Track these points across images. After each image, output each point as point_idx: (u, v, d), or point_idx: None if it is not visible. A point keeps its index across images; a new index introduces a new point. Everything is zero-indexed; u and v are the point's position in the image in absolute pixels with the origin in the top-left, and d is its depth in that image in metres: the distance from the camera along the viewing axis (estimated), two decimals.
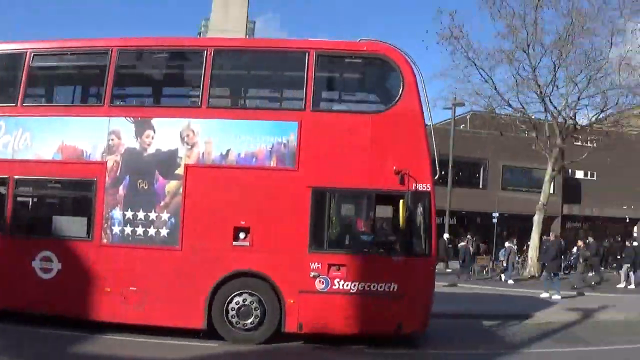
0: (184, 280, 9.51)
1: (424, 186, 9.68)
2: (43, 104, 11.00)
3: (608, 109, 29.00)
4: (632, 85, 27.98)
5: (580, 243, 25.59)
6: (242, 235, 9.60)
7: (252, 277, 9.55)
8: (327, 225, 9.85)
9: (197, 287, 9.50)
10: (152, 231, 9.66)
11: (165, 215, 9.68)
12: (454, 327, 12.18)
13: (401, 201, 9.43)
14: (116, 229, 9.73)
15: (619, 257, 28.40)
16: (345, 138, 9.85)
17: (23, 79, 10.28)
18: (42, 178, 10.31)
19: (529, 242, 28.33)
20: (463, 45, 26.29)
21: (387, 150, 9.77)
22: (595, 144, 32.30)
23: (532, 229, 27.22)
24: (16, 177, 10.10)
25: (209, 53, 10.01)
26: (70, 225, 10.16)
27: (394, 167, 9.59)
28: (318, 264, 9.47)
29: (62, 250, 9.86)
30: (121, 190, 9.79)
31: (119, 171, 9.83)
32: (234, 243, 9.57)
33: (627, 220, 39.95)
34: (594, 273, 23.34)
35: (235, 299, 9.51)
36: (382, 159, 9.71)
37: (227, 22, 29.63)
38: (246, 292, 9.53)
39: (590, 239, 25.68)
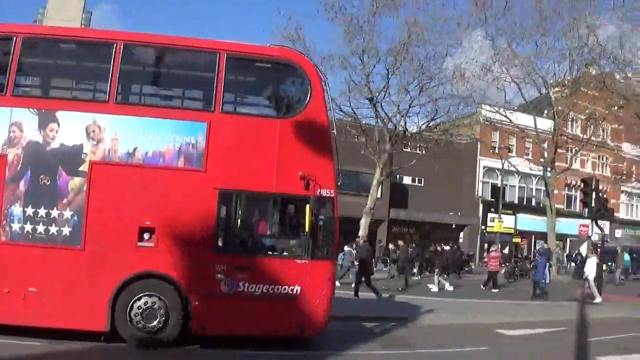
0: (86, 282, 9.30)
1: (328, 192, 9.90)
2: None
3: (438, 117, 30.61)
4: (464, 96, 29.87)
5: (391, 246, 26.56)
6: (147, 235, 9.48)
7: (157, 279, 9.47)
8: (234, 227, 9.92)
9: (100, 289, 9.31)
10: (53, 229, 9.37)
11: (67, 213, 9.41)
12: None
13: (307, 206, 9.61)
14: (16, 227, 9.35)
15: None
16: (254, 141, 9.91)
17: None
18: None
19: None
20: (299, 49, 25.82)
21: (294, 155, 9.88)
22: (424, 151, 33.91)
23: (358, 232, 28.15)
24: None
25: (118, 47, 9.70)
26: None
27: (300, 172, 9.72)
28: (223, 265, 9.53)
29: None
30: (22, 185, 9.42)
31: (19, 165, 9.46)
32: (139, 243, 9.45)
33: (453, 227, 42.27)
34: (400, 277, 23.19)
35: (140, 301, 9.39)
36: (289, 164, 9.83)
37: (64, 11, 28.98)
38: (151, 294, 9.43)
39: (401, 242, 26.00)
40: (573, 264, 38.71)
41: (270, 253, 9.96)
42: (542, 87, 33.88)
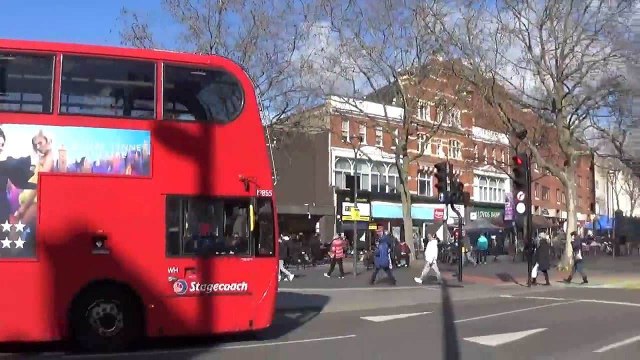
0: (42, 292, 9.42)
1: (266, 192, 10.83)
2: None
3: (289, 109, 31.65)
4: (313, 87, 30.97)
5: None
6: (100, 243, 9.77)
7: (112, 285, 9.84)
8: (182, 230, 10.51)
9: (57, 298, 9.48)
10: (6, 243, 9.36)
11: (20, 226, 9.43)
12: None
13: (250, 206, 10.49)
14: None
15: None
16: (194, 147, 10.54)
17: None
18: None
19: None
20: (146, 47, 26.07)
21: (233, 159, 10.66)
22: (276, 144, 34.74)
23: None
24: None
25: (57, 58, 9.81)
26: None
27: (240, 175, 10.52)
28: (175, 268, 10.09)
29: None
30: None
31: None
32: (93, 251, 9.72)
33: (310, 217, 43.42)
34: None
35: (97, 308, 9.71)
36: (228, 167, 10.58)
37: None
38: (107, 300, 9.78)
39: None
40: None
41: (217, 253, 10.66)
42: (391, 75, 34.93)
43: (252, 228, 10.52)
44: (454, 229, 31.12)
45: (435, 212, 46.52)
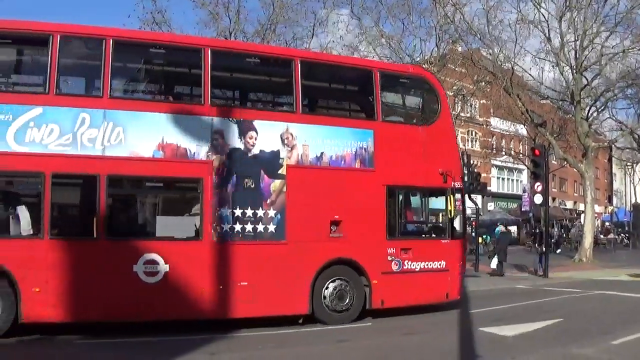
0: (290, 272, 10.57)
1: (459, 184, 12.20)
2: (137, 98, 10.65)
3: None
4: None
5: None
6: (335, 227, 11.00)
7: (345, 264, 11.07)
8: (398, 216, 11.79)
9: (303, 277, 10.68)
10: (260, 227, 10.46)
11: (272, 212, 10.55)
12: None
13: (448, 196, 11.84)
14: (226, 227, 10.25)
15: None
16: (405, 144, 11.79)
17: (106, 69, 9.83)
18: (141, 177, 10.19)
19: None
20: (164, 31, 25.28)
21: (434, 155, 11.97)
22: None
23: None
24: (109, 175, 9.67)
25: (296, 64, 10.96)
26: (176, 226, 10.25)
27: (440, 169, 11.87)
28: (393, 249, 11.43)
29: (169, 251, 9.92)
30: (229, 189, 10.32)
31: (225, 170, 10.31)
32: (331, 235, 10.95)
33: None
34: None
35: (333, 284, 10.92)
36: (431, 162, 11.91)
37: None
38: (341, 278, 11.01)
39: None
40: None
41: (424, 236, 12.16)
42: (410, 64, 33.46)
43: (450, 214, 11.89)
44: (472, 219, 31.71)
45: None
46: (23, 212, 9.56)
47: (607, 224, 56.33)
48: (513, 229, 43.09)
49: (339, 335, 10.15)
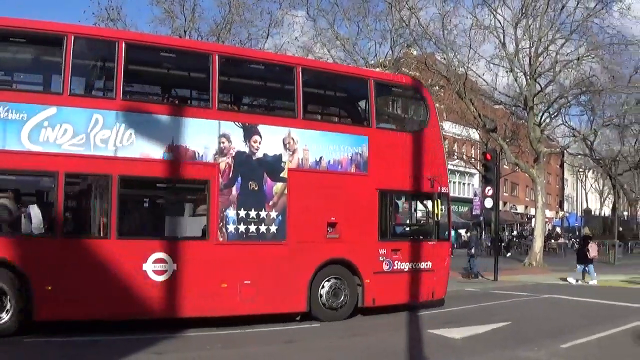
0: (290, 271, 11.08)
1: (445, 189, 12.95)
2: (148, 101, 10.96)
3: None
4: None
5: None
6: (331, 229, 11.58)
7: (340, 264, 11.66)
8: (389, 219, 12.44)
9: (301, 276, 11.21)
10: (263, 228, 10.94)
11: (274, 214, 11.05)
12: None
13: (435, 200, 12.59)
14: (231, 228, 10.69)
15: None
16: (395, 150, 12.43)
17: (119, 71, 10.11)
18: (151, 178, 10.53)
19: None
20: (119, 28, 25.29)
21: (422, 161, 12.67)
22: None
23: None
24: (120, 175, 9.96)
25: (297, 71, 11.51)
26: (184, 226, 10.68)
27: (427, 175, 12.61)
28: (384, 249, 12.09)
29: (177, 251, 10.28)
30: (234, 190, 10.77)
31: (231, 173, 10.75)
32: (327, 236, 11.53)
33: None
34: None
35: (329, 283, 11.49)
36: (419, 168, 12.63)
37: None
38: (336, 277, 11.58)
39: None
40: None
41: (412, 237, 12.84)
42: (364, 67, 32.80)
43: (435, 218, 12.64)
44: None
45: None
46: (36, 211, 9.78)
47: (557, 228, 57.90)
48: (462, 232, 44.05)
49: (287, 336, 10.27)
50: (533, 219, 40.16)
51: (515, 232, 51.08)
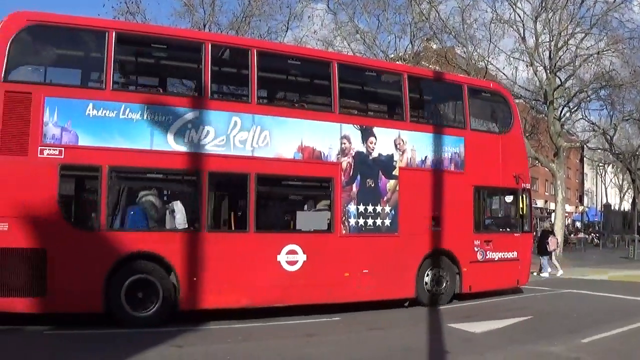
0: (401, 260, 12.10)
1: (527, 185, 14.07)
2: (280, 105, 11.95)
3: None
4: None
5: None
6: (435, 222, 12.63)
7: (442, 254, 12.72)
8: (482, 213, 13.55)
9: (410, 265, 12.25)
10: (379, 222, 11.96)
11: (387, 208, 12.07)
12: None
13: (522, 195, 13.70)
14: (352, 221, 11.68)
15: None
16: (487, 150, 13.52)
17: (253, 78, 11.02)
18: (284, 176, 11.49)
19: None
20: (139, 22, 25.25)
21: (509, 160, 13.76)
22: None
23: None
24: (257, 174, 10.85)
25: (404, 78, 12.57)
26: (312, 220, 11.65)
27: (513, 172, 13.71)
28: (478, 240, 13.17)
29: (307, 243, 11.23)
30: (355, 187, 11.76)
31: (352, 171, 11.74)
32: (433, 229, 12.57)
33: None
34: None
35: (432, 271, 12.57)
36: (507, 166, 13.69)
37: None
38: (438, 266, 12.65)
39: None
40: None
41: (502, 230, 14.00)
42: (383, 60, 32.33)
43: (522, 211, 13.75)
44: None
45: None
46: (179, 206, 10.61)
47: (577, 223, 57.53)
48: None
49: (308, 329, 10.26)
50: (553, 214, 40.63)
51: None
